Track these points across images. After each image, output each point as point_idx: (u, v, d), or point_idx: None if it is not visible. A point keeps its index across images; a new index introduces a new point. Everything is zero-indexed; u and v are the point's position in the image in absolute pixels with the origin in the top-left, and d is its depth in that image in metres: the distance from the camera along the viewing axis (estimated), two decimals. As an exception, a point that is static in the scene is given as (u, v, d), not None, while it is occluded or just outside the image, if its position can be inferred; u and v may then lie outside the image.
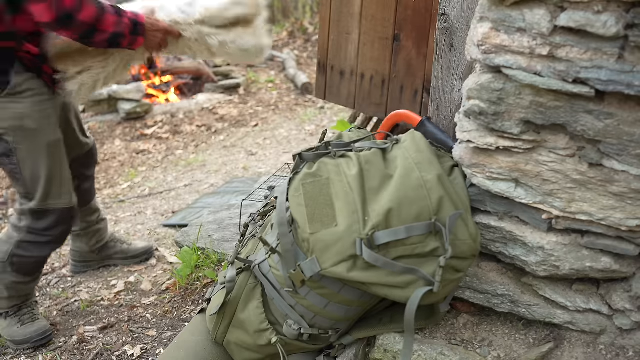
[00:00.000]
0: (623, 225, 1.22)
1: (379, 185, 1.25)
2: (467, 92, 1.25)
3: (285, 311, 1.37)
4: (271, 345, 1.40)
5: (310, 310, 1.35)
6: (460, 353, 1.38)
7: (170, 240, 2.85)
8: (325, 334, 1.39)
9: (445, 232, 1.19)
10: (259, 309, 1.40)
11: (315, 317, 1.36)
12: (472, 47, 1.24)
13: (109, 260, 2.59)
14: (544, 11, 1.10)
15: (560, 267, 1.31)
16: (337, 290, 1.31)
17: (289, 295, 1.34)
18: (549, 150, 1.24)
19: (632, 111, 1.11)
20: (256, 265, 1.40)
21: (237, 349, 1.48)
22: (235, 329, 1.45)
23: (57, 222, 1.95)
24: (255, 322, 1.40)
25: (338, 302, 1.33)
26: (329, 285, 1.30)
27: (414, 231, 1.19)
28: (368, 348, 1.49)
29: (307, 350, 1.47)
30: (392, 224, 1.20)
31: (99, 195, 4.03)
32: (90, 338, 2.18)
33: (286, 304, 1.36)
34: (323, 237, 1.21)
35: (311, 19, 8.04)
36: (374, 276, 1.20)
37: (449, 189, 1.26)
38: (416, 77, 2.29)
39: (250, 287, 1.42)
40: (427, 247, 1.21)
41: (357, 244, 1.18)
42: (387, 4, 2.30)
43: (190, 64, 5.98)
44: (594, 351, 1.38)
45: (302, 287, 1.31)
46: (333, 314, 1.35)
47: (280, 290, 1.36)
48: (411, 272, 1.20)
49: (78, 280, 2.68)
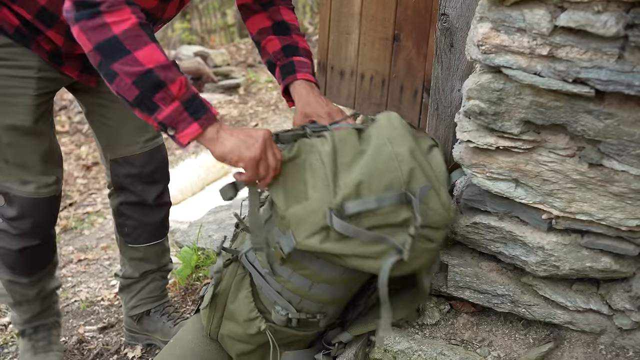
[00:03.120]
0: (623, 225, 1.22)
1: (351, 160, 1.26)
2: (467, 92, 1.25)
3: (273, 298, 1.38)
4: (261, 334, 1.41)
5: (296, 294, 1.35)
6: (460, 353, 1.38)
7: (170, 240, 2.85)
8: (313, 318, 1.39)
9: (415, 201, 1.19)
10: (248, 298, 1.41)
11: (302, 300, 1.37)
12: (472, 47, 1.24)
13: None
14: (543, 11, 1.10)
15: (560, 267, 1.31)
16: (318, 269, 1.32)
17: (275, 281, 1.35)
18: (549, 150, 1.24)
19: (632, 111, 1.11)
20: (243, 254, 1.42)
21: (229, 341, 1.49)
22: (227, 321, 1.46)
23: (23, 213, 1.68)
24: (244, 311, 1.41)
25: (322, 282, 1.34)
26: (310, 265, 1.31)
27: (384, 201, 1.20)
28: (368, 348, 1.49)
29: (298, 339, 1.47)
30: (363, 194, 1.20)
31: (99, 195, 4.03)
32: (90, 338, 2.19)
33: (273, 291, 1.37)
34: (297, 212, 1.22)
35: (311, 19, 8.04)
36: (347, 247, 1.20)
37: (421, 161, 1.26)
38: (416, 77, 2.29)
39: (239, 277, 1.43)
40: (399, 217, 1.20)
41: (327, 215, 1.18)
42: (387, 4, 2.30)
43: (190, 64, 5.98)
44: (594, 351, 1.38)
45: (282, 265, 1.32)
46: (319, 295, 1.36)
47: (266, 276, 1.37)
48: (381, 240, 1.19)
49: (78, 280, 2.68)
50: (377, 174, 1.21)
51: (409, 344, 1.41)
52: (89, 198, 3.85)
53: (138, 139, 1.81)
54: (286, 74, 1.54)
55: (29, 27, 1.50)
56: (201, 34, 8.32)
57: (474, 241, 1.41)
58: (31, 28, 1.51)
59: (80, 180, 4.14)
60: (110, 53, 1.16)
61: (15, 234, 1.72)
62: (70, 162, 4.43)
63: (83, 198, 3.87)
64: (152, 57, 1.17)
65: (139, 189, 1.85)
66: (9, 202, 1.68)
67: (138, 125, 1.80)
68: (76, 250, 3.06)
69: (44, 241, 1.79)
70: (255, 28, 1.61)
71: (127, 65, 1.15)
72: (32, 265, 1.82)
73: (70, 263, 2.91)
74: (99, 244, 3.12)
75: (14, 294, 1.86)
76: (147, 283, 2.00)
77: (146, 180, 1.85)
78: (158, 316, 2.01)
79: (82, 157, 4.66)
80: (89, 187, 4.00)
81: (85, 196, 3.89)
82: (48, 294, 1.94)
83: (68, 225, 3.39)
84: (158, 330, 2.01)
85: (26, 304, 1.89)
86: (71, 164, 4.40)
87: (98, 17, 1.15)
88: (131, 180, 1.83)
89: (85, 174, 4.29)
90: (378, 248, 1.20)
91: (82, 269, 2.83)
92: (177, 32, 7.98)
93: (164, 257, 2.01)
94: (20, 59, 1.54)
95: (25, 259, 1.78)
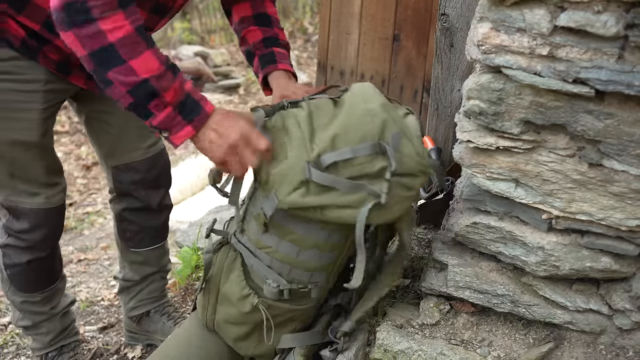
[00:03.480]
0: (623, 225, 1.22)
1: (327, 122, 1.31)
2: (467, 92, 1.25)
3: (263, 273, 1.40)
4: (255, 310, 1.43)
5: (285, 262, 1.38)
6: (460, 353, 1.38)
7: (171, 240, 2.85)
8: (304, 288, 1.41)
9: (389, 148, 1.24)
10: (240, 277, 1.43)
11: (292, 270, 1.39)
12: (472, 47, 1.24)
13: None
14: (543, 11, 1.10)
15: (560, 267, 1.31)
16: (303, 233, 1.34)
17: (264, 254, 1.38)
18: (549, 150, 1.24)
19: (632, 111, 1.11)
20: (231, 234, 1.45)
21: (225, 327, 1.50)
22: (222, 306, 1.49)
23: (36, 224, 1.66)
24: (237, 290, 1.44)
25: (308, 248, 1.36)
26: (295, 228, 1.34)
27: (359, 152, 1.25)
28: (368, 348, 1.49)
29: (293, 316, 1.48)
30: (338, 147, 1.25)
31: (99, 195, 4.03)
32: (90, 338, 2.19)
33: (264, 266, 1.40)
34: (277, 171, 1.27)
35: (311, 19, 8.04)
36: (328, 198, 1.25)
37: (393, 115, 1.30)
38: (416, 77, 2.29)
39: (230, 259, 1.46)
40: (375, 167, 1.25)
41: (306, 169, 1.23)
42: (387, 4, 2.30)
43: (190, 64, 5.99)
44: (594, 351, 1.38)
45: (267, 233, 1.35)
46: (307, 262, 1.38)
47: (255, 251, 1.40)
48: (359, 187, 1.24)
49: (78, 280, 2.68)
50: (351, 129, 1.26)
51: (409, 344, 1.41)
52: (89, 198, 3.85)
53: (140, 145, 1.79)
54: (266, 63, 1.56)
55: (36, 38, 1.47)
56: (201, 34, 8.32)
57: (474, 241, 1.41)
58: (38, 38, 1.47)
59: (80, 180, 4.14)
60: (105, 62, 1.15)
61: (25, 246, 1.69)
62: (70, 162, 4.43)
63: (83, 198, 3.87)
64: (147, 66, 1.16)
65: (142, 194, 1.84)
66: (17, 215, 1.65)
67: (140, 132, 1.78)
68: (76, 250, 3.06)
69: (51, 253, 1.76)
70: (238, 16, 1.62)
71: (122, 75, 1.15)
72: (42, 279, 1.79)
73: (70, 263, 2.91)
74: (99, 244, 3.12)
75: (31, 315, 1.83)
76: (146, 284, 1.99)
77: (150, 185, 1.84)
78: (158, 316, 2.01)
79: (82, 157, 4.66)
80: (89, 187, 4.00)
81: (85, 196, 3.89)
82: (65, 311, 1.92)
83: (68, 225, 3.39)
84: (158, 331, 2.01)
85: (46, 324, 1.86)
86: (71, 164, 4.40)
87: (92, 24, 1.13)
88: (135, 186, 1.82)
89: (85, 174, 4.29)
90: (357, 196, 1.24)
91: (82, 269, 2.83)
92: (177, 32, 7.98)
93: (163, 259, 2.01)
94: (27, 73, 1.49)
95: (34, 273, 1.76)
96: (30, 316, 1.83)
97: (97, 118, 1.77)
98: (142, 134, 1.79)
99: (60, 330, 1.90)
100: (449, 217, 1.48)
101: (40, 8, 1.42)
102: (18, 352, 2.09)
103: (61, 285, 1.87)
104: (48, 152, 1.65)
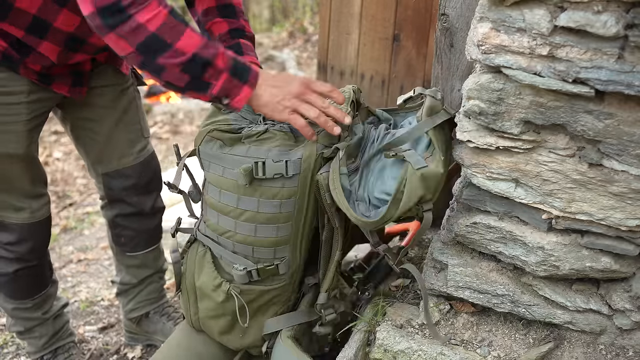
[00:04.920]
0: (623, 225, 1.22)
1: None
2: (467, 92, 1.25)
3: (230, 259, 1.43)
4: (230, 299, 1.45)
5: (246, 243, 1.40)
6: (460, 353, 1.38)
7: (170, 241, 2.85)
8: (271, 265, 1.42)
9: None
10: (211, 269, 1.47)
11: (255, 250, 1.41)
12: (472, 47, 1.24)
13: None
14: (543, 11, 1.10)
15: (560, 267, 1.31)
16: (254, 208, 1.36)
17: (225, 240, 1.42)
18: (548, 150, 1.24)
19: (632, 111, 1.11)
20: (195, 229, 1.51)
21: (209, 322, 1.52)
22: (201, 302, 1.51)
23: (22, 238, 1.66)
24: (209, 281, 1.47)
25: (264, 223, 1.38)
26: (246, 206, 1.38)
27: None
28: (368, 348, 1.49)
29: (270, 300, 1.48)
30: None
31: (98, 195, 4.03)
32: (90, 338, 2.19)
33: (229, 252, 1.43)
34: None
35: (311, 19, 8.03)
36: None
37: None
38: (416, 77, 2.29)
39: (201, 254, 1.49)
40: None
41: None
42: (387, 4, 2.30)
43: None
44: (594, 351, 1.38)
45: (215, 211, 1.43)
46: (267, 238, 1.39)
47: (217, 239, 1.44)
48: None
49: (78, 280, 2.68)
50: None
51: (408, 344, 1.41)
52: (89, 198, 3.85)
53: (130, 150, 1.78)
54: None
55: (19, 47, 1.44)
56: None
57: (473, 241, 1.41)
58: (21, 47, 1.44)
59: (80, 180, 4.13)
60: (154, 50, 1.19)
61: (12, 257, 1.68)
62: (70, 162, 4.43)
63: (83, 198, 3.86)
64: (192, 42, 1.21)
65: (134, 200, 1.83)
66: (3, 229, 1.65)
67: (129, 137, 1.77)
68: (76, 250, 3.06)
69: (39, 262, 1.76)
70: (202, 7, 1.61)
71: (172, 58, 1.19)
72: (32, 286, 1.78)
73: (70, 263, 2.91)
74: (99, 244, 3.12)
75: (23, 321, 1.82)
76: (145, 286, 1.99)
77: (142, 191, 1.83)
78: (157, 317, 2.01)
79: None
80: (89, 187, 3.99)
81: (85, 196, 3.88)
82: (57, 314, 1.91)
83: (68, 225, 3.38)
84: (158, 331, 2.01)
85: (38, 329, 1.86)
86: (71, 164, 4.40)
87: (130, 20, 1.16)
88: (127, 192, 1.82)
89: (85, 174, 4.27)
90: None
91: (82, 269, 2.83)
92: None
93: (159, 260, 2.01)
94: (8, 85, 1.47)
95: (23, 281, 1.75)
96: (22, 322, 1.83)
97: (82, 126, 1.74)
98: (130, 138, 1.77)
99: (53, 333, 1.90)
100: (449, 217, 1.48)
101: (24, 12, 1.39)
102: (18, 352, 2.10)
103: (52, 290, 1.86)
104: (34, 162, 1.63)
